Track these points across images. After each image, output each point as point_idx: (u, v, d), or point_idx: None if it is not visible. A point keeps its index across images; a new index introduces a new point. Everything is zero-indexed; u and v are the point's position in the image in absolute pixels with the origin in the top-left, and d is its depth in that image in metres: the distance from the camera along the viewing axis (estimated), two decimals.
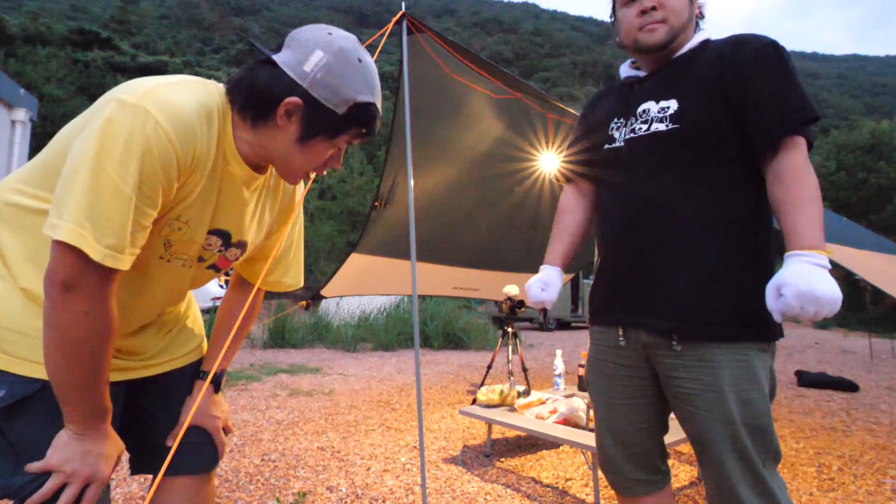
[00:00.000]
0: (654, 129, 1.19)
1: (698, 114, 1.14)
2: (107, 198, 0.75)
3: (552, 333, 11.91)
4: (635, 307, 1.20)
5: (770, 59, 1.12)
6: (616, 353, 1.25)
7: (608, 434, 1.28)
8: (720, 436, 1.07)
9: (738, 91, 1.11)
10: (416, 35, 2.77)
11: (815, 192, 1.05)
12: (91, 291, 0.78)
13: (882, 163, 22.88)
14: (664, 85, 1.22)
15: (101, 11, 59.09)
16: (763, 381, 1.09)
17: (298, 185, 1.13)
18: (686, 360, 1.12)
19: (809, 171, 1.07)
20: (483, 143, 3.80)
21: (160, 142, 0.78)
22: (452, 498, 2.44)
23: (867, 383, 6.02)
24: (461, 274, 4.99)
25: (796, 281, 0.97)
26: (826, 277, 0.98)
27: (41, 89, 23.98)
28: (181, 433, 1.00)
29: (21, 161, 6.87)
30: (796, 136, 1.08)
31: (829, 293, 0.96)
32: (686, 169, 1.15)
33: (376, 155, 24.80)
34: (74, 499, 0.85)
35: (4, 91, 6.42)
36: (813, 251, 0.99)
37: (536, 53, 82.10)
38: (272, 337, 7.74)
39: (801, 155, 1.08)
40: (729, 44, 1.18)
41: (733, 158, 1.13)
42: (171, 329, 1.12)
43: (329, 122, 0.89)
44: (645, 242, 1.19)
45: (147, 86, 0.81)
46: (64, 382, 0.82)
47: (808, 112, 1.07)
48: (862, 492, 2.62)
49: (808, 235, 1.01)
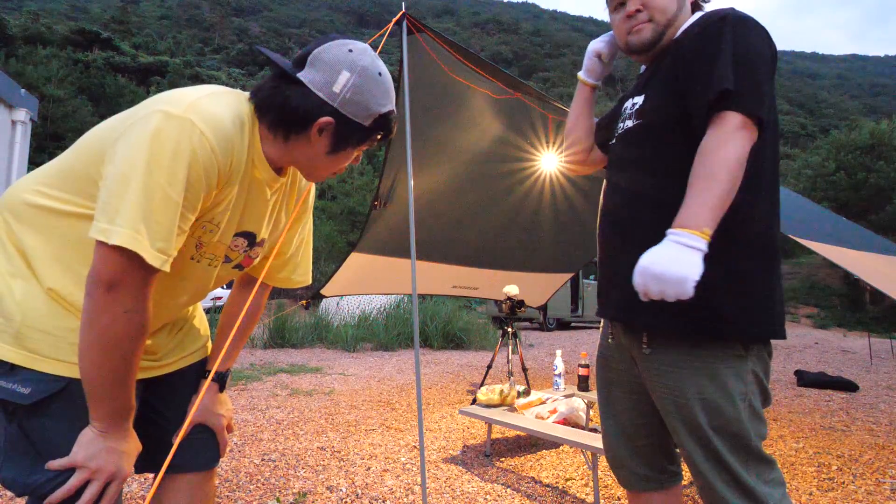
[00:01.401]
0: (626, 126, 1.21)
1: (655, 106, 1.13)
2: (157, 204, 0.80)
3: (552, 333, 11.91)
4: (610, 307, 1.23)
5: (710, 33, 1.06)
6: (613, 348, 1.27)
7: (613, 426, 1.28)
8: (689, 440, 1.07)
9: (683, 74, 1.08)
10: (416, 35, 2.78)
11: (719, 168, 0.95)
12: (134, 291, 0.83)
13: (881, 163, 22.86)
14: (645, 80, 1.23)
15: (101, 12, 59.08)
16: (733, 388, 1.04)
17: (310, 185, 1.19)
18: (656, 364, 1.11)
19: (724, 146, 0.96)
20: (483, 143, 3.80)
21: (205, 151, 0.84)
22: (452, 498, 2.44)
23: (866, 383, 6.02)
24: (461, 273, 5.00)
25: (645, 259, 0.93)
26: (682, 257, 0.90)
27: (42, 89, 23.97)
28: (184, 430, 1.01)
29: (21, 161, 6.86)
30: (720, 113, 0.98)
31: (673, 272, 0.89)
32: (650, 164, 1.14)
33: (376, 155, 24.79)
34: (98, 495, 0.87)
35: (5, 91, 6.43)
36: (684, 230, 0.92)
37: (536, 53, 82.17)
38: (272, 337, 7.75)
39: (719, 131, 0.97)
40: (689, 25, 1.15)
41: (692, 150, 1.05)
42: (181, 328, 1.15)
43: (357, 135, 0.97)
44: (613, 241, 1.21)
45: (189, 98, 0.87)
46: (97, 380, 0.84)
47: (721, 83, 0.97)
48: (861, 491, 2.63)
49: (687, 214, 0.94)
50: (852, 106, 77.47)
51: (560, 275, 5.71)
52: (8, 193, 0.95)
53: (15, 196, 0.93)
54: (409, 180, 2.50)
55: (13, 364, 0.86)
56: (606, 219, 1.26)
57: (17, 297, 0.87)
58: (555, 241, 5.04)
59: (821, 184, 23.73)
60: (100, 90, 30.28)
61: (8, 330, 0.87)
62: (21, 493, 0.87)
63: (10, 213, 0.92)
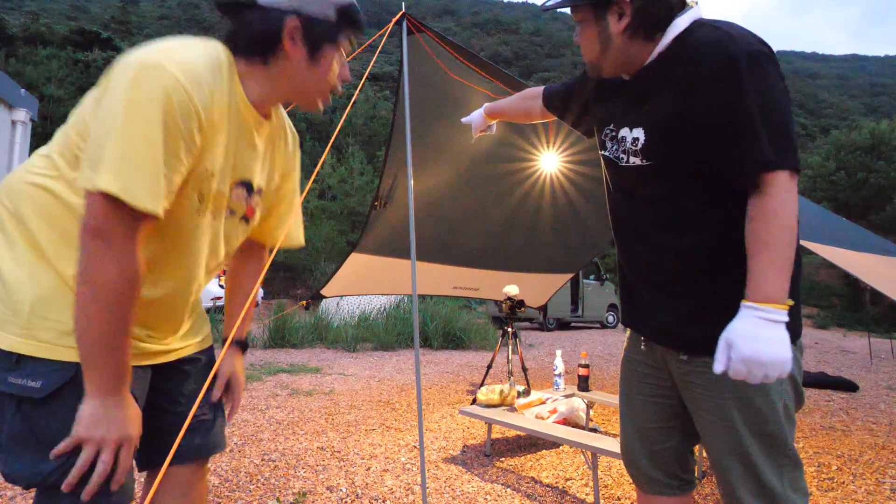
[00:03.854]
0: (631, 163, 1.15)
1: (665, 149, 1.08)
2: (139, 149, 0.82)
3: (552, 333, 11.91)
4: (645, 327, 1.25)
5: (720, 87, 0.98)
6: (643, 353, 1.28)
7: (631, 427, 1.30)
8: (722, 442, 1.08)
9: (693, 125, 1.02)
10: (416, 35, 2.78)
11: (784, 234, 0.94)
12: (122, 239, 0.84)
13: (881, 163, 22.88)
14: (634, 105, 1.15)
15: (101, 12, 59.07)
16: (771, 389, 1.06)
17: (296, 147, 1.23)
18: (694, 367, 1.13)
19: (781, 212, 0.95)
20: (483, 143, 3.79)
21: (179, 95, 0.85)
22: (452, 498, 2.44)
23: (866, 383, 6.02)
24: (461, 274, 4.99)
25: (742, 343, 0.92)
26: (777, 337, 0.92)
27: (42, 89, 23.96)
28: (217, 390, 1.12)
29: (22, 161, 6.86)
30: (770, 174, 0.96)
31: (775, 356, 0.91)
32: (666, 203, 1.13)
33: (376, 155, 24.79)
34: (112, 462, 0.87)
35: (5, 91, 6.43)
36: (766, 304, 0.93)
37: (536, 53, 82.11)
38: (272, 337, 7.74)
39: (769, 196, 0.96)
40: (685, 60, 1.04)
41: (711, 189, 1.06)
42: (194, 310, 1.17)
43: (327, 31, 0.99)
44: (640, 267, 1.23)
45: (162, 48, 0.89)
46: (93, 338, 0.84)
47: (764, 157, 0.95)
48: (861, 491, 2.63)
49: (764, 286, 0.94)
50: (852, 106, 77.41)
51: (560, 275, 5.70)
52: (8, 180, 0.95)
53: (16, 181, 0.93)
54: (409, 180, 2.50)
55: (20, 356, 0.85)
56: (626, 242, 1.26)
57: (24, 286, 0.87)
58: (555, 242, 5.03)
59: (821, 184, 23.74)
60: None
61: (14, 321, 0.86)
62: (28, 485, 0.86)
63: (11, 199, 0.92)
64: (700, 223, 1.09)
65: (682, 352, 1.14)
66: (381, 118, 28.84)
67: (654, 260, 1.18)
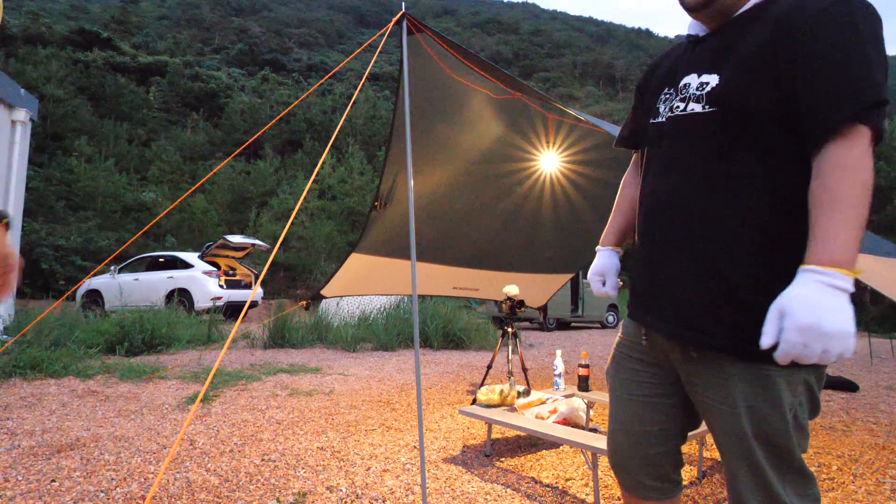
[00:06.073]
0: (689, 110, 1.04)
1: (740, 94, 0.97)
2: None
3: (552, 333, 11.91)
4: (647, 308, 1.15)
5: (835, 22, 0.90)
6: (640, 350, 1.21)
7: (620, 429, 1.22)
8: (732, 449, 1.03)
9: (790, 64, 0.92)
10: (416, 35, 2.78)
11: (860, 193, 0.86)
12: None
13: (882, 163, 22.88)
14: (714, 52, 1.06)
15: (101, 12, 59.01)
16: (783, 398, 0.97)
17: None
18: (702, 369, 1.06)
19: (862, 168, 0.87)
20: (483, 143, 3.80)
21: None
22: (452, 498, 2.44)
23: (867, 383, 6.02)
24: (461, 274, 5.00)
25: (801, 310, 0.81)
26: (841, 306, 0.80)
27: (41, 89, 23.98)
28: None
29: (21, 161, 6.86)
30: (854, 125, 0.87)
31: (840, 327, 0.79)
32: (718, 160, 1.01)
33: (376, 155, 24.80)
34: None
35: (5, 91, 6.42)
36: (833, 269, 0.82)
37: (536, 53, 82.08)
38: (272, 337, 7.74)
39: (854, 147, 0.88)
40: (790, 4, 0.97)
41: (778, 151, 0.96)
42: None
43: None
44: (658, 240, 1.11)
45: None
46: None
47: (868, 94, 0.86)
48: (861, 491, 2.62)
49: (832, 247, 0.82)
50: None
51: (560, 275, 5.71)
52: None
53: None
54: (410, 180, 2.50)
55: None
56: (650, 213, 1.14)
57: None
58: (555, 242, 5.04)
59: None
60: (100, 90, 30.27)
61: None
62: None
63: None
64: (755, 189, 0.97)
65: (692, 347, 1.05)
66: (381, 118, 28.87)
67: (697, 232, 1.03)
